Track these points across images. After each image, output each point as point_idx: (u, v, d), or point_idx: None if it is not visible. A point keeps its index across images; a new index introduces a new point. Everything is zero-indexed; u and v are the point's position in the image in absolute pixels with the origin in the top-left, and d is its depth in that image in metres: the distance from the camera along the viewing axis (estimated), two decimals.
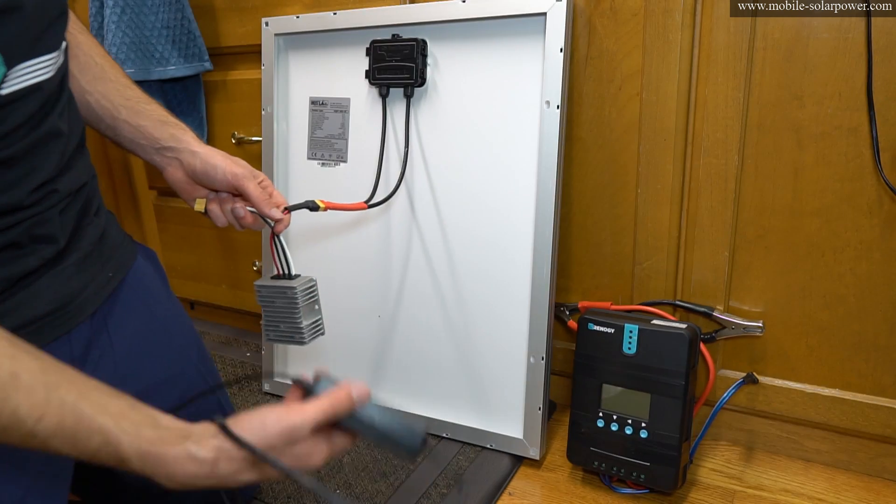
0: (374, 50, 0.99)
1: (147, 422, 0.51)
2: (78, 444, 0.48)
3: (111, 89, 0.77)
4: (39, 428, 0.47)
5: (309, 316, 0.72)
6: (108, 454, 0.49)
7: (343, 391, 0.55)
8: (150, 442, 0.50)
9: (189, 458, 0.50)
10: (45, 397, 0.47)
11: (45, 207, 0.63)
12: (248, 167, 0.78)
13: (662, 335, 0.85)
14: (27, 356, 0.48)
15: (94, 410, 0.49)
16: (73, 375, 0.50)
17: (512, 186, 0.95)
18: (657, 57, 0.89)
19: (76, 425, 0.48)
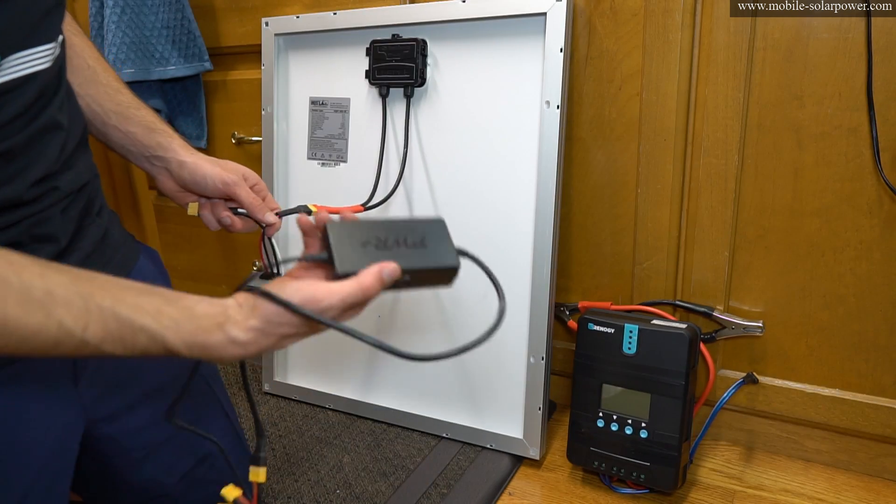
0: (374, 50, 0.99)
1: (184, 315, 0.52)
2: (127, 345, 0.50)
3: (102, 93, 0.77)
4: (88, 336, 0.48)
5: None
6: (157, 350, 0.51)
7: (372, 277, 0.54)
8: (191, 334, 0.51)
9: (230, 342, 0.52)
10: (84, 307, 0.48)
11: (46, 205, 0.62)
12: (238, 172, 0.77)
13: (662, 335, 0.85)
14: (54, 272, 0.49)
15: (132, 312, 0.50)
16: (102, 281, 0.51)
17: (512, 186, 0.95)
18: (657, 57, 0.89)
19: (120, 329, 0.49)
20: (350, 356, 1.13)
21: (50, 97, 0.61)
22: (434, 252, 0.59)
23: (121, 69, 1.18)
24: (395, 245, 0.57)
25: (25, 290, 0.46)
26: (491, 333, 0.55)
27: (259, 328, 0.52)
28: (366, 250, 0.56)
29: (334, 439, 1.05)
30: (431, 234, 0.59)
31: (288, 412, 1.14)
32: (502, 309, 0.57)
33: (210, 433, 0.80)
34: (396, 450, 1.02)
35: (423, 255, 0.58)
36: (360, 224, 0.58)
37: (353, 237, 0.57)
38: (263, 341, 0.53)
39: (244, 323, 0.52)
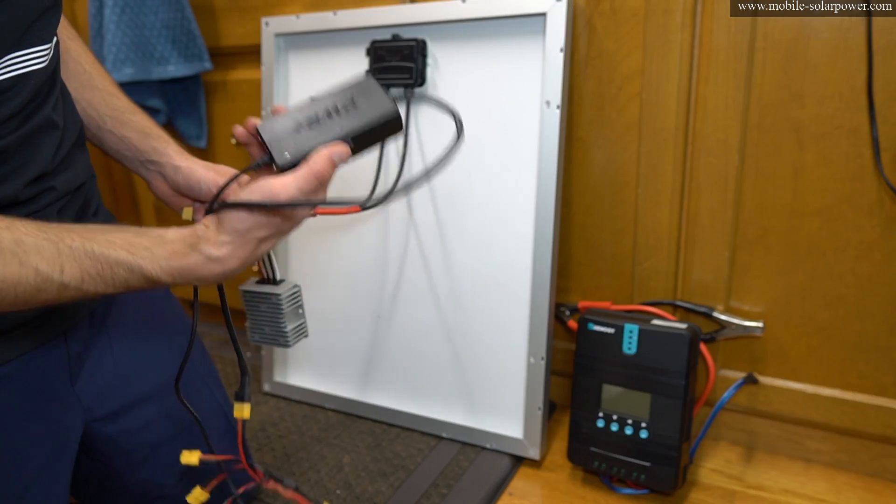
0: (374, 50, 0.99)
1: (155, 242, 0.53)
2: (108, 281, 0.51)
3: (97, 98, 0.77)
4: (66, 278, 0.49)
5: (293, 320, 0.73)
6: (137, 281, 0.52)
7: (323, 160, 0.55)
8: (166, 259, 0.52)
9: (208, 260, 0.53)
10: (55, 250, 0.49)
11: (42, 206, 0.62)
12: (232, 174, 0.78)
13: (662, 335, 0.85)
14: (19, 222, 0.49)
15: (105, 248, 0.51)
16: (68, 226, 0.52)
17: (512, 186, 0.95)
18: (657, 57, 0.89)
19: (96, 265, 0.50)
20: (350, 356, 1.13)
21: (44, 97, 0.61)
22: (368, 108, 0.58)
23: (121, 69, 1.18)
24: (327, 117, 0.58)
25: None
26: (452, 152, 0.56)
27: (230, 241, 0.53)
28: (300, 134, 0.57)
29: (334, 439, 1.05)
30: (361, 93, 0.59)
31: (288, 412, 1.14)
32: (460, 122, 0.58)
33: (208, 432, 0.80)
34: (396, 450, 1.01)
35: (358, 116, 0.58)
36: (289, 112, 0.59)
37: (286, 127, 0.58)
38: (241, 252, 0.54)
39: (215, 239, 0.53)
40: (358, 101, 0.59)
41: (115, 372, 0.73)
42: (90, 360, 0.72)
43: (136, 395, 0.75)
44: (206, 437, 0.71)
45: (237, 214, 0.53)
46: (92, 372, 0.71)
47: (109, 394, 0.73)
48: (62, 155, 0.65)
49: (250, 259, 0.55)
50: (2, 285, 0.47)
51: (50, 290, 0.49)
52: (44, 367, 0.66)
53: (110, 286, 0.51)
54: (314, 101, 0.59)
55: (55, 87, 0.64)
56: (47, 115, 0.61)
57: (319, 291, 1.13)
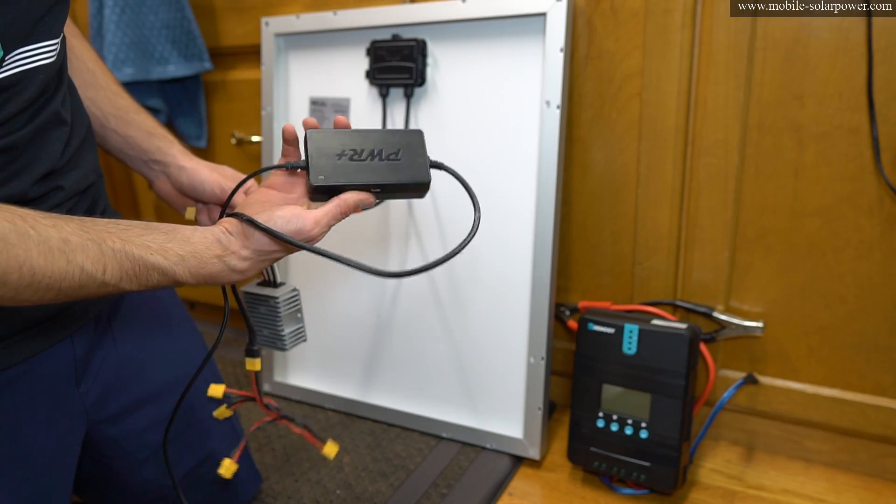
0: (375, 50, 0.99)
1: (186, 249, 0.57)
2: (142, 281, 0.55)
3: (102, 97, 0.77)
4: (108, 277, 0.52)
5: (291, 324, 0.73)
6: (167, 282, 0.57)
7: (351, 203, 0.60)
8: (196, 267, 0.57)
9: (231, 271, 0.59)
10: (99, 250, 0.52)
11: (51, 206, 0.62)
12: (235, 179, 0.78)
13: (662, 335, 0.85)
14: (63, 221, 0.52)
15: (142, 252, 0.54)
16: (105, 225, 0.55)
17: (512, 186, 0.95)
18: (657, 57, 0.89)
19: (134, 267, 0.54)
20: (350, 356, 1.13)
21: (52, 92, 0.61)
22: (407, 167, 0.61)
23: (121, 69, 1.18)
24: (369, 157, 0.60)
25: (44, 241, 0.49)
26: (467, 242, 0.58)
27: (253, 257, 0.59)
28: (340, 161, 0.60)
29: (334, 439, 1.05)
30: (407, 147, 0.61)
31: (288, 412, 1.14)
32: (478, 218, 0.60)
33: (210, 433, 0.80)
34: (396, 450, 1.01)
35: (395, 170, 0.61)
36: (339, 134, 0.61)
37: (331, 147, 0.60)
38: (258, 266, 0.60)
39: (240, 253, 0.58)
40: (402, 156, 0.61)
41: (119, 374, 0.73)
42: (95, 362, 0.72)
43: (139, 397, 0.75)
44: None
45: (267, 239, 0.58)
46: (96, 374, 0.71)
47: (113, 395, 0.73)
48: (71, 152, 0.65)
49: (263, 267, 0.62)
50: (49, 280, 0.49)
51: (91, 287, 0.52)
52: (50, 369, 0.66)
53: (143, 285, 0.55)
54: (365, 136, 0.61)
55: (63, 84, 0.64)
56: (55, 111, 0.62)
57: (320, 291, 1.13)
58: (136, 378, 0.75)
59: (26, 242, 0.47)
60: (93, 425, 0.71)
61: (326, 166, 0.59)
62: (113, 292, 0.54)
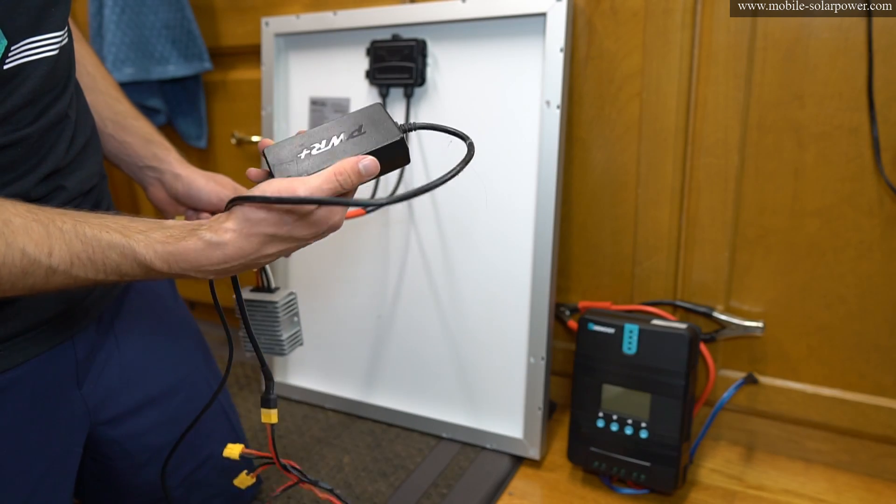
0: (374, 50, 0.99)
1: (153, 226, 0.50)
2: (98, 266, 0.49)
3: (100, 101, 0.77)
4: (55, 262, 0.47)
5: (289, 328, 0.73)
6: (129, 266, 0.49)
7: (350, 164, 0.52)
8: (163, 242, 0.49)
9: (207, 245, 0.49)
10: (44, 232, 0.47)
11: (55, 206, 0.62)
12: (231, 188, 0.79)
13: (663, 335, 0.85)
14: (9, 203, 0.48)
15: (97, 230, 0.48)
16: (61, 210, 0.50)
17: (512, 186, 0.95)
18: (657, 57, 0.89)
19: (86, 248, 0.48)
20: (350, 356, 1.13)
21: (60, 91, 0.61)
22: (374, 135, 0.57)
23: (121, 69, 1.18)
24: (332, 144, 0.57)
25: None
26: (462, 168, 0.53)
27: (236, 229, 0.50)
28: (304, 159, 0.56)
29: (334, 439, 1.05)
30: (369, 121, 0.58)
31: (288, 412, 1.14)
32: (470, 144, 0.56)
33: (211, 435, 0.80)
34: (396, 450, 1.01)
35: (363, 143, 0.57)
36: (297, 138, 0.58)
37: (292, 151, 0.56)
38: (244, 242, 0.50)
39: (219, 226, 0.50)
40: (366, 128, 0.58)
41: (121, 376, 0.73)
42: (97, 364, 0.71)
43: (141, 399, 0.75)
44: None
45: (251, 205, 0.50)
46: (98, 375, 0.71)
47: (115, 397, 0.73)
48: (75, 151, 0.64)
49: (253, 255, 0.51)
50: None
51: (37, 274, 0.47)
52: (52, 371, 0.66)
53: (101, 272, 0.49)
54: (323, 129, 0.58)
55: (70, 83, 0.64)
56: (63, 111, 0.61)
57: (320, 291, 1.13)
58: (139, 380, 0.75)
59: None
60: (94, 427, 0.71)
61: (291, 168, 0.55)
62: (67, 283, 0.48)
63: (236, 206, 0.51)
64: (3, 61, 0.53)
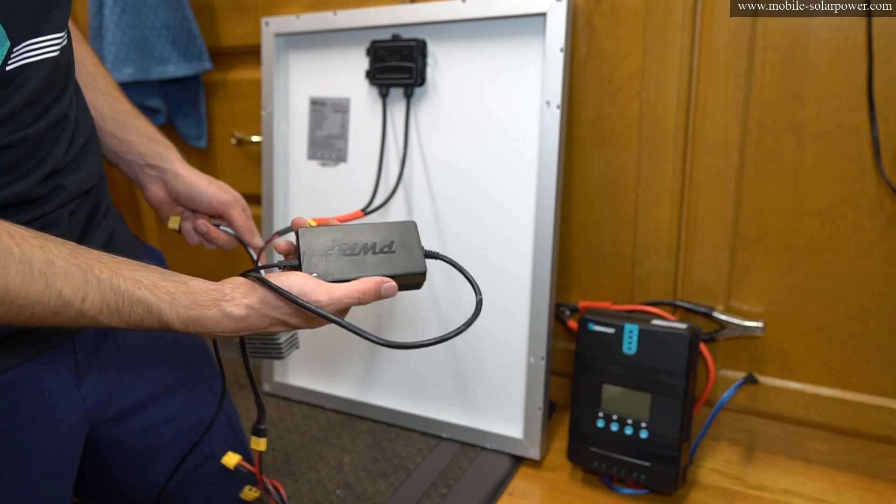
0: (374, 50, 0.99)
1: (180, 289, 0.54)
2: (123, 317, 0.52)
3: (101, 100, 0.77)
4: (86, 307, 0.50)
5: (285, 332, 0.72)
6: (151, 322, 0.53)
7: (373, 285, 0.57)
8: (186, 308, 0.54)
9: (226, 317, 0.54)
10: (83, 278, 0.50)
11: (55, 206, 0.62)
12: (233, 193, 0.79)
13: (663, 335, 0.85)
14: (53, 243, 0.50)
15: (130, 285, 0.52)
16: (98, 255, 0.53)
17: (512, 186, 0.95)
18: (657, 57, 0.89)
19: (117, 300, 0.51)
20: (350, 356, 1.13)
21: (60, 92, 0.61)
22: (402, 258, 0.61)
23: (120, 69, 1.18)
24: (362, 252, 0.60)
25: (26, 261, 0.47)
26: (469, 324, 0.58)
27: (254, 307, 0.55)
28: (333, 257, 0.59)
29: (334, 439, 1.05)
30: (401, 239, 0.62)
31: (288, 412, 1.14)
32: (479, 301, 0.60)
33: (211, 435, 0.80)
34: (396, 450, 1.01)
35: (390, 263, 0.60)
36: (332, 230, 0.61)
37: (322, 243, 0.60)
38: (256, 321, 0.56)
39: (240, 300, 0.55)
40: (397, 247, 0.61)
41: (121, 375, 0.73)
42: (96, 364, 0.71)
43: (140, 398, 0.75)
44: None
45: (273, 293, 0.55)
46: (98, 375, 0.71)
47: (115, 397, 0.73)
48: (75, 151, 0.65)
49: (258, 331, 0.57)
50: (23, 302, 0.47)
51: (67, 315, 0.50)
52: (51, 371, 0.66)
53: (124, 322, 0.53)
54: (358, 230, 0.61)
55: (70, 84, 0.64)
56: (63, 112, 0.61)
57: None
58: (139, 379, 0.75)
59: (6, 259, 0.46)
60: (95, 426, 0.71)
61: (319, 263, 0.59)
62: (90, 325, 0.52)
63: (258, 284, 0.55)
64: (6, 63, 0.53)
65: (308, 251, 0.59)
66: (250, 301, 0.55)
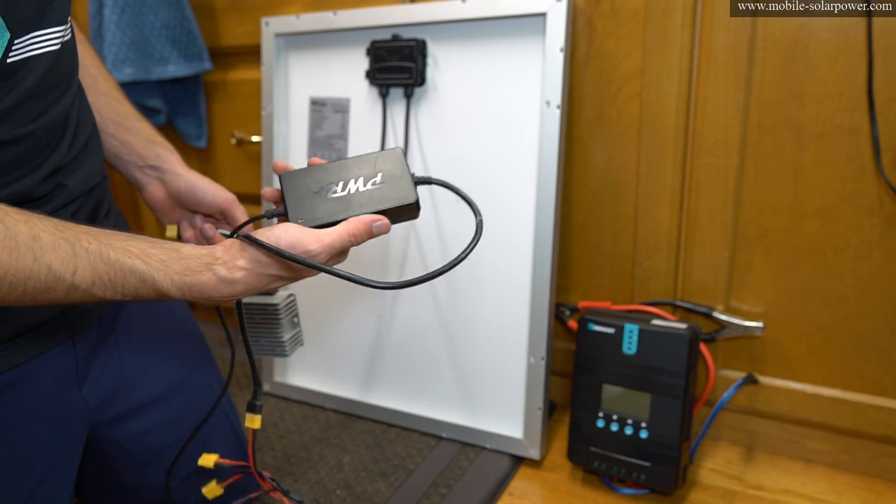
0: (374, 50, 0.99)
1: (172, 255, 0.53)
2: (117, 287, 0.51)
3: (102, 102, 0.77)
4: (78, 280, 0.49)
5: (290, 330, 0.73)
6: (147, 291, 0.52)
7: (362, 225, 0.56)
8: (180, 274, 0.53)
9: (221, 281, 0.53)
10: (71, 251, 0.49)
11: (56, 205, 0.62)
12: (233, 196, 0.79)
13: (663, 335, 0.85)
14: (37, 218, 0.49)
15: (120, 254, 0.51)
16: (86, 228, 0.52)
17: (512, 187, 0.95)
18: (657, 57, 0.89)
19: (109, 271, 0.50)
20: (350, 356, 1.13)
21: (64, 88, 0.61)
22: (391, 190, 0.58)
23: (120, 69, 1.18)
24: (348, 189, 0.58)
25: (11, 237, 0.46)
26: (471, 249, 0.58)
27: (247, 268, 0.54)
28: (319, 199, 0.57)
29: (334, 439, 1.05)
30: (388, 170, 0.59)
31: (288, 412, 1.14)
32: (479, 222, 0.59)
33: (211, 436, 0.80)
34: (396, 450, 1.01)
35: (379, 197, 0.58)
36: (315, 170, 0.59)
37: (306, 186, 0.58)
38: (253, 281, 0.55)
39: (232, 262, 0.54)
40: (383, 179, 0.58)
41: (122, 376, 0.73)
42: (97, 364, 0.71)
43: (141, 399, 0.75)
44: None
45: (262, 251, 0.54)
46: (99, 376, 0.71)
47: (116, 397, 0.73)
48: (76, 149, 0.64)
49: (260, 288, 0.56)
50: (13, 278, 0.47)
51: (59, 290, 0.49)
52: (52, 371, 0.66)
53: (119, 293, 0.52)
54: (339, 164, 0.59)
55: (74, 83, 0.64)
56: (65, 108, 0.61)
57: (320, 291, 1.13)
58: (140, 380, 0.75)
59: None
60: (96, 427, 0.71)
61: (304, 207, 0.57)
62: (84, 299, 0.51)
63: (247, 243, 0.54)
64: (7, 55, 0.53)
65: (293, 197, 0.57)
66: (242, 262, 0.54)
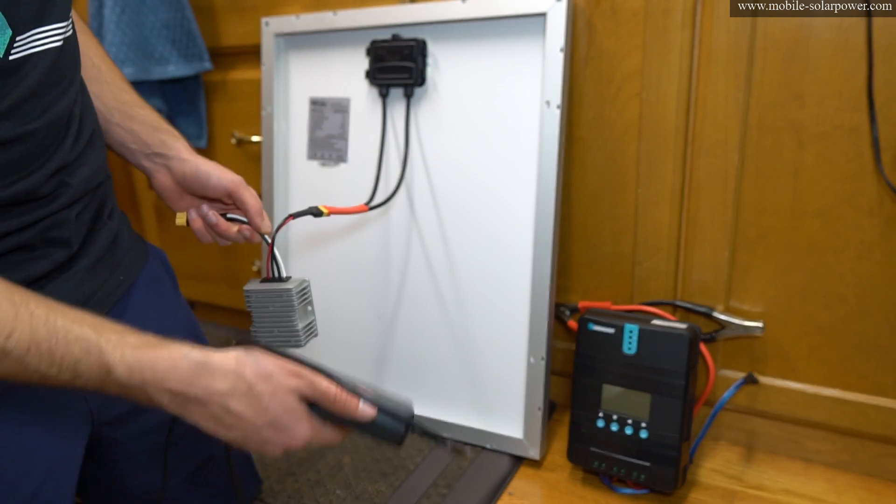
0: (374, 50, 0.99)
1: (130, 330, 0.49)
2: (56, 358, 0.46)
3: (106, 91, 0.77)
4: (11, 344, 0.45)
5: (304, 318, 0.71)
6: (89, 365, 0.47)
7: (354, 401, 0.59)
8: (134, 346, 0.47)
9: (182, 358, 0.48)
10: (13, 313, 0.45)
11: (61, 205, 0.62)
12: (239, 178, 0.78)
13: (663, 335, 0.85)
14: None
15: (70, 321, 0.46)
16: (42, 297, 0.48)
17: (512, 186, 0.95)
18: (657, 57, 0.89)
19: (51, 338, 0.46)
20: (350, 356, 1.13)
21: (66, 85, 0.61)
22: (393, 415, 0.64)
23: (120, 69, 1.17)
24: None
25: None
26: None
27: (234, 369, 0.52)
28: None
29: None
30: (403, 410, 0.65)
31: None
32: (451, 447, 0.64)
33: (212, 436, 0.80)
34: (396, 450, 1.02)
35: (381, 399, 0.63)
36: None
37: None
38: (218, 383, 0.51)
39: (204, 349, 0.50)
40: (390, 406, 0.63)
41: None
42: None
43: None
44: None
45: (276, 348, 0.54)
46: None
47: (117, 398, 0.72)
48: (80, 147, 0.64)
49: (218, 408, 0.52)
50: None
51: None
52: None
53: (54, 366, 0.47)
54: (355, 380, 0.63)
55: (76, 79, 0.63)
56: (68, 105, 0.61)
57: (320, 291, 1.13)
58: None
59: None
60: (97, 428, 0.71)
61: None
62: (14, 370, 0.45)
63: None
64: (9, 52, 0.53)
65: None
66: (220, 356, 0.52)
